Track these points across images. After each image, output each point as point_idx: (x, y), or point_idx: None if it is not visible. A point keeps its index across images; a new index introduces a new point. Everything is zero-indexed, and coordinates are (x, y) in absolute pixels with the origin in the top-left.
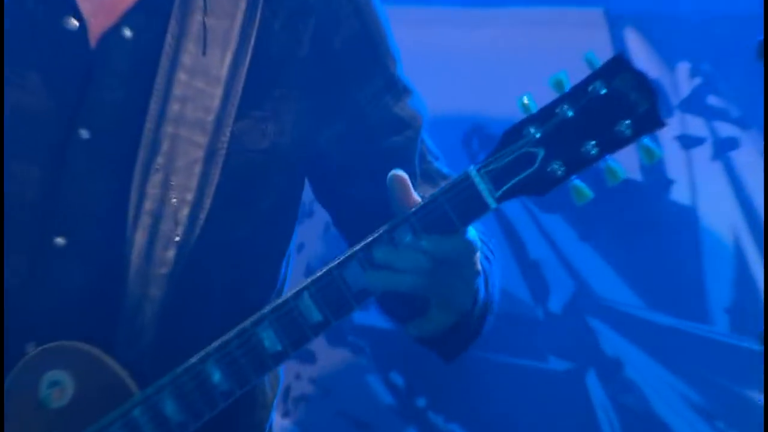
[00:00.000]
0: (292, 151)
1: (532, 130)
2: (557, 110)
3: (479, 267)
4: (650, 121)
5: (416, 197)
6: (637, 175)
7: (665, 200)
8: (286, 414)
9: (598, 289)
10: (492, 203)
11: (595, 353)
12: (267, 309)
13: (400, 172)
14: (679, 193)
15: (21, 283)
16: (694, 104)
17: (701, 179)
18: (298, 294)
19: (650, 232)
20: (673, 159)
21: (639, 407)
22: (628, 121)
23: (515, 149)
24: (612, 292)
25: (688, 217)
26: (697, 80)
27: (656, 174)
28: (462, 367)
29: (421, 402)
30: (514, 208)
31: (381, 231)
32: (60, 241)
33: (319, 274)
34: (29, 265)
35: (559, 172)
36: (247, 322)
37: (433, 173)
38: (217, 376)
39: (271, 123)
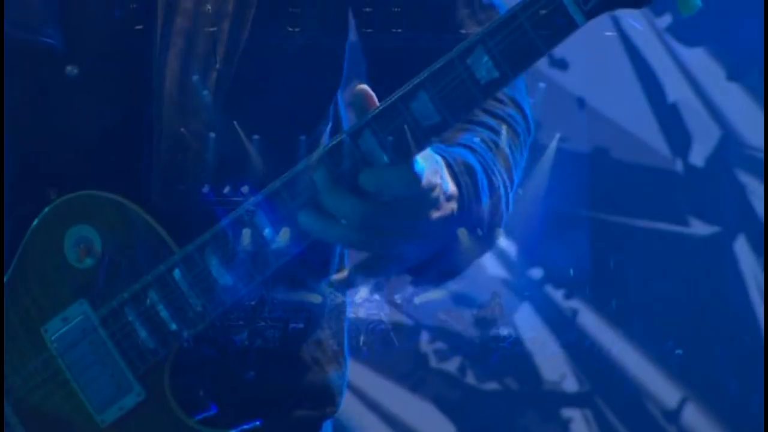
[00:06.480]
0: None
1: None
2: None
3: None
4: None
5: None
6: None
7: None
8: None
9: (749, 137)
10: (580, 19)
11: (745, 215)
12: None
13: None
14: None
15: (32, 119)
16: None
17: None
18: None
19: None
20: None
21: None
22: None
23: None
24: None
25: None
26: None
27: None
28: (589, 232)
29: (537, 274)
30: (647, 38)
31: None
32: (71, 69)
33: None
34: (39, 98)
35: None
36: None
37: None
38: (267, 231)
39: None
